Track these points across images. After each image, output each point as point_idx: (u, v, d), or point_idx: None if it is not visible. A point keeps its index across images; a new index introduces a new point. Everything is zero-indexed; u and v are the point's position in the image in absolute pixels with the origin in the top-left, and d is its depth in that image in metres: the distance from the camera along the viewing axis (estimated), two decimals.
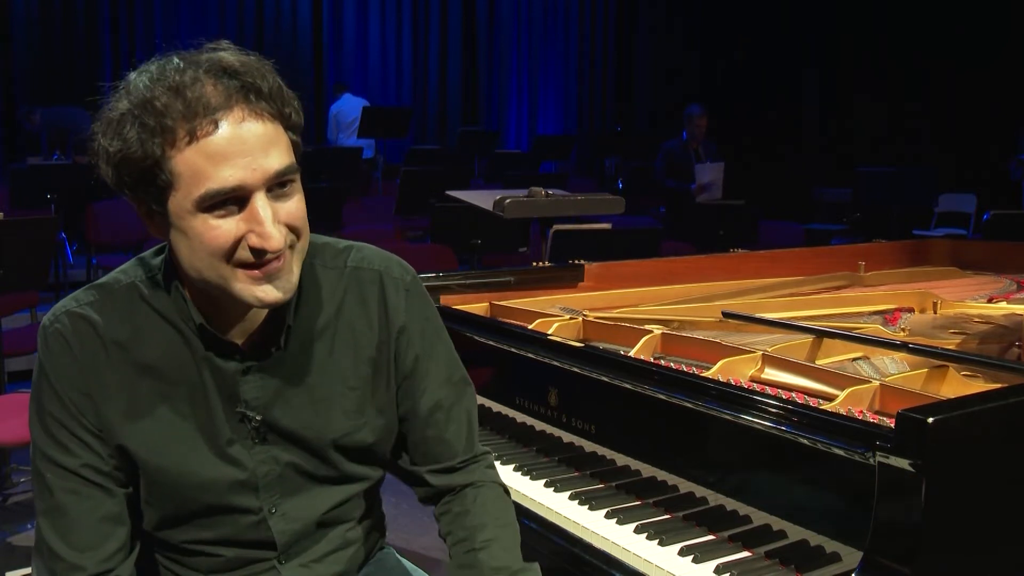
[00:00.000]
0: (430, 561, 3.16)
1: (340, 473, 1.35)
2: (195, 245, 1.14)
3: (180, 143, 1.10)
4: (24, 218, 4.54)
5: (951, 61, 8.85)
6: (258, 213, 1.13)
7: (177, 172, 1.11)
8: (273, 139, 1.14)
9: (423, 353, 1.38)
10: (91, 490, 1.23)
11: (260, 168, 1.12)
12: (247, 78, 1.13)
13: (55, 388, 1.23)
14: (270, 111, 1.15)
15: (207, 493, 1.27)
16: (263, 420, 1.28)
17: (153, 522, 1.29)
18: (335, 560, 1.38)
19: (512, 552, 1.34)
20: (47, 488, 1.23)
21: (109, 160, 1.14)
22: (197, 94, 1.10)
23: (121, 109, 1.13)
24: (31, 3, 9.63)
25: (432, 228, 5.85)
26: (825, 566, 1.37)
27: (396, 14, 11.95)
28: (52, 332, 1.23)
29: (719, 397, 1.54)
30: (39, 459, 1.25)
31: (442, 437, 1.40)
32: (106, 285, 1.27)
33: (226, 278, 1.16)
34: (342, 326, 1.33)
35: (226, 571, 1.32)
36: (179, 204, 1.13)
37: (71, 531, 1.22)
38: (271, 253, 1.14)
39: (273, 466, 1.30)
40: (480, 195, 3.47)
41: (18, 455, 4.02)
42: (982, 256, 3.19)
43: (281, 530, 1.32)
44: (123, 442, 1.23)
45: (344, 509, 1.37)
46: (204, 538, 1.30)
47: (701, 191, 7.07)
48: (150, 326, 1.25)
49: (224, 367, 1.26)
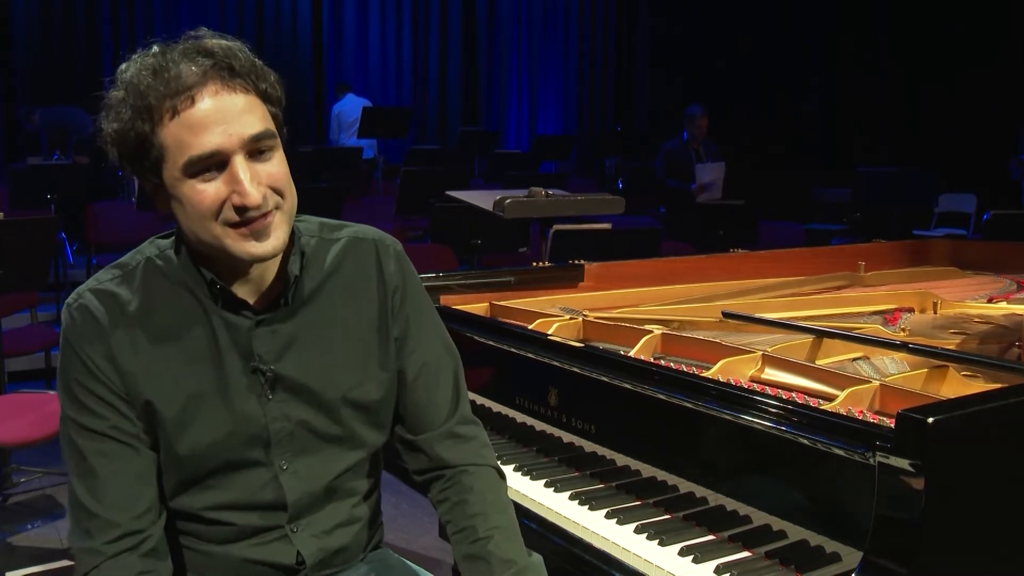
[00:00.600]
0: (430, 561, 3.17)
1: (347, 432, 1.41)
2: (188, 210, 1.27)
3: (164, 119, 1.23)
4: (24, 218, 4.54)
5: (951, 61, 8.85)
6: (237, 174, 1.24)
7: (165, 145, 1.24)
8: (247, 108, 1.26)
9: (413, 315, 1.48)
10: (120, 449, 1.30)
11: (236, 134, 1.24)
12: (220, 57, 1.25)
13: (80, 356, 1.30)
14: (244, 85, 1.26)
15: (224, 449, 1.34)
16: (275, 372, 1.36)
17: (171, 487, 1.35)
18: (342, 534, 1.43)
19: (516, 543, 1.41)
20: (79, 452, 1.30)
21: (111, 141, 1.27)
22: (175, 74, 1.22)
23: (116, 96, 1.26)
24: (31, 3, 9.64)
25: (432, 228, 5.85)
26: (825, 566, 1.37)
27: (396, 14, 11.94)
28: (77, 306, 1.33)
29: (719, 397, 1.54)
30: (69, 427, 1.31)
31: (432, 399, 1.48)
32: (123, 263, 1.38)
33: (219, 237, 1.27)
34: (344, 287, 1.43)
35: (239, 540, 1.37)
36: (170, 173, 1.26)
37: (103, 490, 1.29)
38: (253, 210, 1.25)
39: (285, 423, 1.37)
40: (480, 195, 3.47)
41: (18, 455, 4.01)
42: (982, 256, 3.19)
43: (292, 487, 1.37)
44: (152, 405, 1.31)
45: (350, 478, 1.44)
46: (219, 502, 1.35)
47: (701, 191, 7.07)
48: (166, 293, 1.35)
49: (237, 323, 1.35)
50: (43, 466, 4.02)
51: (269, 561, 1.38)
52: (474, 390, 2.08)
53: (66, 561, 3.35)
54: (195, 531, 1.38)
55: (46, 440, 3.13)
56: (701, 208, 6.81)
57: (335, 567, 1.45)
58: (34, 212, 5.68)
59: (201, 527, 1.37)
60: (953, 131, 8.80)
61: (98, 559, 1.28)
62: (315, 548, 1.40)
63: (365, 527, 1.48)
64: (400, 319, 1.47)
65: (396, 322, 1.46)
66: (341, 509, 1.43)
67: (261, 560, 1.38)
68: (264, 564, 1.38)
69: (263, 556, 1.38)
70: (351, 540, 1.45)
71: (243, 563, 1.37)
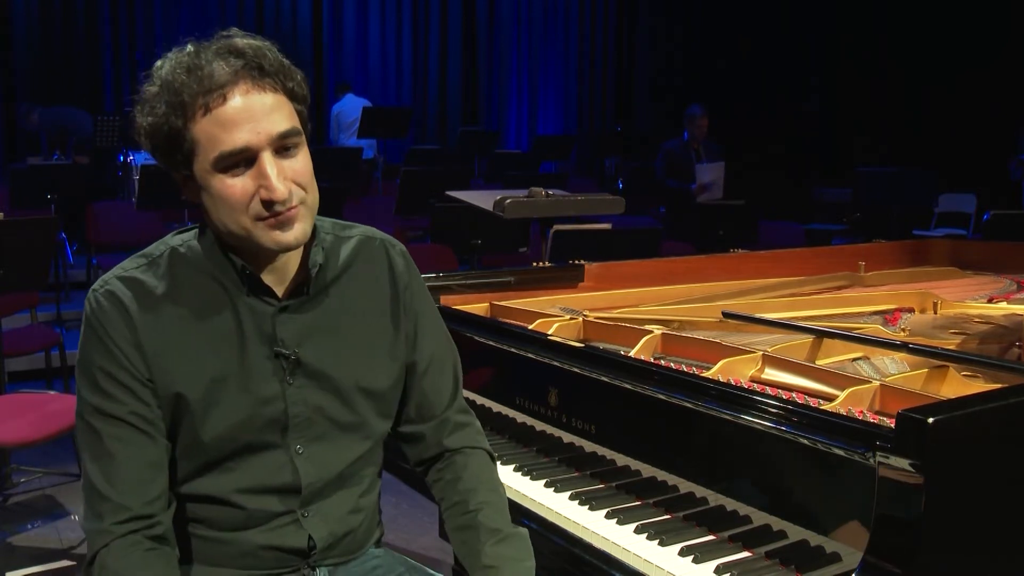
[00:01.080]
0: (430, 561, 3.16)
1: (360, 420, 1.46)
2: (218, 202, 1.32)
3: (197, 115, 1.28)
4: (24, 218, 4.54)
5: (951, 61, 8.85)
6: (265, 170, 1.30)
7: (196, 140, 1.29)
8: (275, 107, 1.31)
9: (421, 310, 1.56)
10: (136, 436, 1.33)
11: (264, 131, 1.29)
12: (251, 57, 1.31)
13: (105, 342, 1.34)
14: (272, 84, 1.32)
15: (245, 432, 1.38)
16: (297, 356, 1.41)
17: (188, 472, 1.38)
18: (350, 520, 1.48)
19: (504, 515, 1.49)
20: (96, 437, 1.33)
21: (145, 134, 1.32)
22: (208, 72, 1.28)
23: (151, 91, 1.31)
24: (31, 3, 9.63)
25: (432, 228, 5.85)
26: (825, 566, 1.37)
27: (396, 14, 11.93)
28: (104, 293, 1.36)
29: (719, 397, 1.54)
30: (87, 413, 1.34)
31: (436, 389, 1.56)
32: (147, 253, 1.42)
33: (247, 228, 1.32)
34: (358, 281, 1.50)
35: (252, 526, 1.40)
36: (201, 167, 1.31)
37: (117, 474, 1.32)
38: (279, 204, 1.30)
39: (303, 408, 1.42)
40: (480, 195, 3.47)
41: (18, 455, 4.01)
42: (982, 256, 3.20)
43: (307, 471, 1.42)
44: (177, 388, 1.35)
45: (360, 466, 1.49)
46: (236, 486, 1.39)
47: (702, 191, 7.07)
48: (191, 280, 1.39)
49: (262, 309, 1.40)
50: (43, 466, 4.03)
51: (281, 546, 1.41)
52: (474, 390, 2.08)
53: (66, 561, 3.35)
54: (208, 517, 1.40)
55: (46, 440, 3.14)
56: (701, 208, 6.81)
57: (342, 555, 1.48)
58: (34, 212, 5.69)
59: (215, 513, 1.40)
60: (953, 131, 8.79)
61: (107, 538, 1.30)
62: (325, 532, 1.44)
63: (369, 517, 1.53)
64: (411, 314, 1.54)
65: (407, 317, 1.53)
66: (349, 497, 1.48)
67: (273, 545, 1.41)
68: (276, 549, 1.41)
69: (275, 541, 1.41)
70: (358, 526, 1.50)
71: (256, 549, 1.40)
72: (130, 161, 7.86)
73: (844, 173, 8.80)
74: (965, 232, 8.24)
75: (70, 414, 2.95)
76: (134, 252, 1.44)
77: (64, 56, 9.78)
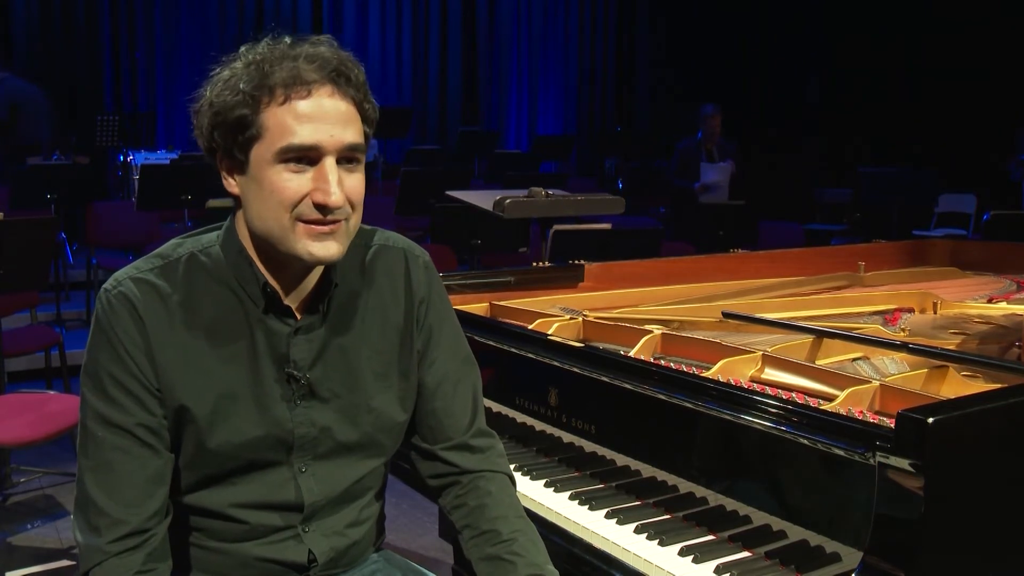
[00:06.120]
0: (430, 561, 3.16)
1: (368, 440, 1.43)
2: (266, 194, 1.28)
3: (275, 101, 1.27)
4: (24, 218, 4.53)
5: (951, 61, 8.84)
6: (326, 172, 1.28)
7: (267, 125, 1.27)
8: (351, 118, 1.31)
9: (435, 326, 1.51)
10: (140, 449, 1.30)
11: (336, 137, 1.29)
12: (340, 65, 1.31)
13: (116, 348, 1.30)
14: (353, 97, 1.32)
15: (251, 451, 1.36)
16: (309, 381, 1.38)
17: (190, 484, 1.36)
18: (352, 533, 1.46)
19: (539, 547, 1.43)
20: (97, 446, 1.30)
21: (212, 108, 1.29)
22: (299, 66, 1.28)
23: (236, 69, 1.30)
24: (31, 3, 9.63)
25: (432, 228, 5.85)
26: (825, 566, 1.37)
27: (396, 14, 11.92)
28: (116, 295, 1.32)
29: (719, 397, 1.54)
30: (91, 419, 1.31)
31: (449, 410, 1.50)
32: (164, 254, 1.38)
33: (287, 229, 1.29)
34: (373, 295, 1.46)
35: (252, 539, 1.38)
36: (261, 154, 1.28)
37: (117, 488, 1.29)
38: (331, 213, 1.28)
39: (310, 428, 1.39)
40: (480, 195, 3.47)
41: (18, 455, 4.01)
42: (982, 256, 3.20)
43: (310, 489, 1.39)
44: (183, 401, 1.32)
45: (366, 483, 1.46)
46: (238, 501, 1.37)
47: (704, 190, 7.06)
48: (208, 291, 1.36)
49: (278, 329, 1.37)
50: (43, 466, 4.03)
51: (280, 560, 1.40)
52: None
53: (66, 561, 3.35)
54: (208, 528, 1.39)
55: (46, 440, 3.13)
56: (702, 208, 6.81)
57: (344, 566, 1.46)
58: (34, 212, 5.68)
59: (216, 525, 1.38)
60: (953, 131, 8.79)
61: (101, 557, 1.28)
62: (326, 547, 1.42)
63: (373, 526, 1.51)
64: (424, 331, 1.50)
65: (420, 333, 1.49)
66: (352, 510, 1.46)
67: (273, 559, 1.39)
68: (275, 562, 1.40)
69: (275, 555, 1.39)
70: (361, 538, 1.48)
71: (254, 561, 1.39)
72: (130, 161, 7.85)
73: (844, 173, 8.80)
74: (965, 232, 8.23)
75: (70, 414, 2.97)
76: (134, 252, 1.42)
77: (64, 56, 9.78)
